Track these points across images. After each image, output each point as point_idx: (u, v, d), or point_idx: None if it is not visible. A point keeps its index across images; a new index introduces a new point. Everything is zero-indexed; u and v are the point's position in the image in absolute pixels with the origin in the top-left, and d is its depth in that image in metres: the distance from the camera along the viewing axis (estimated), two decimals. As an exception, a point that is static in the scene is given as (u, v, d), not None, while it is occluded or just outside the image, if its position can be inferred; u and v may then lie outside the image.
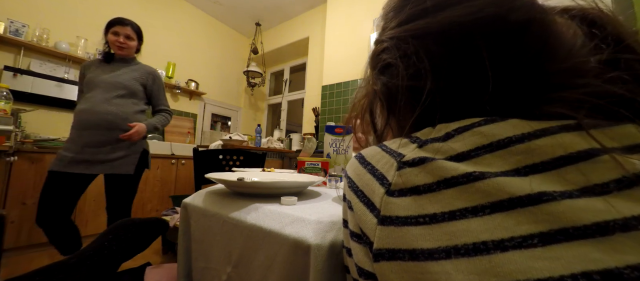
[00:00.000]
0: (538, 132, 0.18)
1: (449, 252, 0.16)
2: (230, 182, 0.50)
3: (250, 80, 3.70)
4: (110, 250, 0.56)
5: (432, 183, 0.19)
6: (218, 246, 0.46)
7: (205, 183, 1.34)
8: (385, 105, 0.28)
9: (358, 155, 0.26)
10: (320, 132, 2.78)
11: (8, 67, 1.97)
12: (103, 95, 1.21)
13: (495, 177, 0.17)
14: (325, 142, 0.79)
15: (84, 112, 1.19)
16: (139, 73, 1.33)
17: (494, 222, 0.16)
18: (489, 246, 0.15)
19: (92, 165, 1.18)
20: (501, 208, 0.16)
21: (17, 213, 1.58)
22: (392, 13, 0.29)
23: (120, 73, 1.28)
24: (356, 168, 0.25)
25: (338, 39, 2.82)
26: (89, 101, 1.20)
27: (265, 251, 0.38)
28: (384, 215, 0.19)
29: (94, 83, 1.23)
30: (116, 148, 1.22)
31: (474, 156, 0.19)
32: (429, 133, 0.22)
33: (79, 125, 1.19)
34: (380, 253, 0.19)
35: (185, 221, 0.55)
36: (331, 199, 0.53)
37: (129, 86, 1.27)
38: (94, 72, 1.26)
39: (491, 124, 0.20)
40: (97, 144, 1.19)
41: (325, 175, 0.74)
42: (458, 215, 0.17)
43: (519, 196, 0.16)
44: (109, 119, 1.20)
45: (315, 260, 0.32)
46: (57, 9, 2.22)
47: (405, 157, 0.21)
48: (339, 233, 0.35)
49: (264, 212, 0.42)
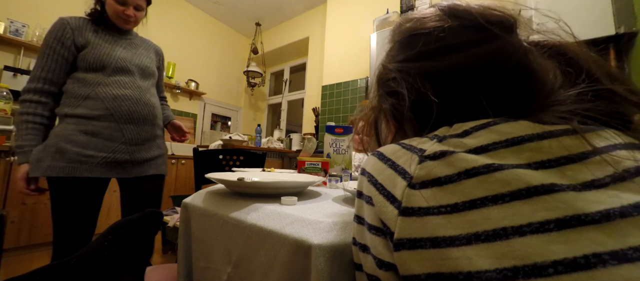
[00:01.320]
0: (545, 134, 0.21)
1: (469, 239, 0.18)
2: (230, 182, 0.50)
3: (250, 80, 3.70)
4: (110, 250, 0.56)
5: (453, 174, 0.20)
6: (218, 246, 0.46)
7: (205, 183, 1.34)
8: (392, 122, 0.33)
9: (377, 153, 0.27)
10: (320, 132, 2.78)
11: (8, 67, 1.97)
12: (143, 83, 0.98)
13: (513, 168, 0.19)
14: (325, 142, 0.79)
15: (129, 100, 0.91)
16: (153, 53, 1.09)
17: (512, 210, 0.18)
18: (508, 231, 0.17)
19: (133, 167, 0.95)
20: (519, 197, 0.18)
21: (17, 213, 1.58)
22: (398, 46, 0.33)
23: (138, 53, 1.01)
24: (375, 164, 0.26)
25: (338, 39, 2.82)
26: (128, 86, 0.92)
27: (266, 251, 0.38)
28: (405, 206, 0.21)
29: (119, 63, 0.92)
30: (154, 145, 1.02)
31: (491, 150, 0.21)
32: (446, 131, 0.24)
33: (120, 115, 0.89)
34: (401, 243, 0.20)
35: (185, 221, 0.55)
36: (331, 199, 0.53)
37: (154, 72, 1.06)
38: (101, 45, 0.92)
39: (505, 123, 0.22)
40: (142, 141, 0.96)
41: (325, 175, 0.74)
42: (478, 204, 0.19)
43: (535, 186, 0.18)
44: (153, 113, 1.00)
45: (316, 260, 0.32)
46: (57, 9, 2.22)
47: (427, 151, 0.22)
48: (339, 233, 0.35)
49: (264, 212, 0.42)
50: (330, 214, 0.40)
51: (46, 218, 1.66)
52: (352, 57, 2.66)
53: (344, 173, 0.76)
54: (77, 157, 0.83)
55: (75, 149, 0.83)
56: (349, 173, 0.77)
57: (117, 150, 0.89)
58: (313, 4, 3.32)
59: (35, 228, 1.64)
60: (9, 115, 1.72)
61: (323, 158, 0.75)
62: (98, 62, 0.90)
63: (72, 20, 0.94)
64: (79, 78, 0.89)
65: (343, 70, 2.71)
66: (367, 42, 2.21)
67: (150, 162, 1.00)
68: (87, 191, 0.86)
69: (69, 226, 0.84)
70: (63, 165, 0.82)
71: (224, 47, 3.76)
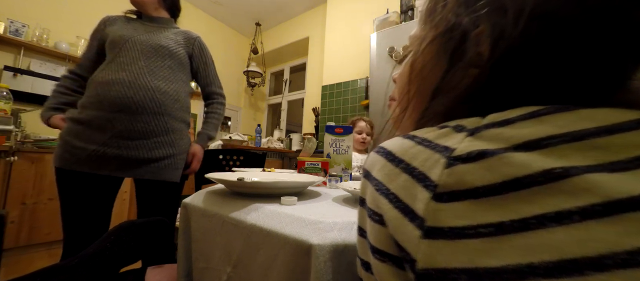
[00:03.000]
0: (615, 127, 0.15)
1: (522, 272, 0.12)
2: (230, 182, 0.50)
3: (250, 80, 3.71)
4: (112, 252, 0.56)
5: (495, 183, 0.15)
6: (218, 246, 0.46)
7: (205, 183, 1.33)
8: (443, 65, 0.23)
9: (382, 150, 0.21)
10: (320, 132, 2.78)
11: (8, 67, 1.97)
12: (146, 63, 0.85)
13: (584, 174, 0.13)
14: (325, 142, 0.79)
15: (119, 84, 0.80)
16: (182, 38, 0.97)
17: (587, 233, 0.12)
18: (580, 264, 0.12)
19: (126, 166, 0.82)
20: (595, 215, 0.12)
21: (17, 213, 1.58)
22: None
23: (161, 35, 0.91)
24: (384, 167, 0.20)
25: (338, 39, 2.82)
26: (124, 69, 0.82)
27: (266, 251, 0.38)
28: (430, 225, 0.15)
29: (128, 44, 0.85)
30: (161, 143, 0.86)
31: (546, 145, 0.15)
32: (477, 122, 0.18)
33: (109, 102, 0.79)
34: (427, 274, 0.15)
35: (185, 221, 0.55)
36: (331, 199, 0.53)
37: (177, 53, 0.92)
38: (124, 28, 0.89)
39: (563, 113, 0.16)
40: (138, 135, 0.82)
41: (325, 175, 0.74)
42: (534, 224, 0.13)
43: (619, 199, 0.12)
44: (158, 100, 0.84)
45: (316, 260, 0.32)
46: (57, 9, 2.22)
47: (457, 151, 0.16)
48: (339, 233, 0.35)
49: (264, 212, 0.42)
50: (330, 214, 0.40)
51: (46, 218, 1.66)
52: (352, 57, 2.66)
53: (344, 173, 0.76)
54: (67, 148, 0.78)
55: (67, 138, 0.79)
56: (349, 173, 0.77)
57: (109, 143, 0.78)
58: (313, 4, 3.32)
59: (35, 228, 1.64)
60: (9, 115, 1.72)
61: (323, 158, 0.75)
62: (111, 43, 0.87)
63: (110, 16, 0.97)
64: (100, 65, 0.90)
65: (343, 70, 2.71)
66: (367, 42, 2.21)
67: (158, 162, 0.85)
68: (86, 185, 0.80)
69: (72, 221, 0.81)
70: (58, 154, 0.80)
71: (224, 47, 3.76)
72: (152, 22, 0.95)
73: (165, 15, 0.99)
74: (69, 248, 0.81)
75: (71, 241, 0.81)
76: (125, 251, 0.59)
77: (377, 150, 0.22)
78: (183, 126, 0.96)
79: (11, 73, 1.96)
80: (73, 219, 0.81)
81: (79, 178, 0.80)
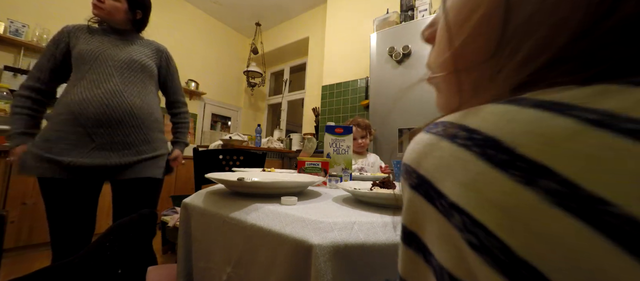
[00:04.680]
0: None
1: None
2: (230, 182, 0.50)
3: (250, 80, 3.71)
4: (112, 251, 0.56)
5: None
6: (218, 246, 0.46)
7: (205, 183, 1.34)
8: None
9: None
10: (320, 132, 2.78)
11: (8, 67, 1.97)
12: (120, 79, 0.88)
13: None
14: (325, 142, 0.79)
15: (96, 102, 0.84)
16: (150, 50, 1.01)
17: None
18: None
19: (109, 172, 0.89)
20: None
21: (17, 213, 1.58)
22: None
23: (131, 49, 0.94)
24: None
25: (338, 39, 2.82)
26: (99, 86, 0.85)
27: (266, 251, 0.38)
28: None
29: (99, 59, 0.87)
30: (143, 150, 0.93)
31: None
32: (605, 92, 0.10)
33: (86, 118, 0.83)
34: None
35: (185, 221, 0.55)
36: (331, 199, 0.53)
37: (148, 67, 0.96)
38: (91, 41, 0.89)
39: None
40: (119, 146, 0.88)
41: (325, 175, 0.74)
42: None
43: None
44: (136, 115, 0.90)
45: (316, 260, 0.32)
46: (57, 9, 2.22)
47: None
48: (339, 233, 0.35)
49: (264, 212, 0.42)
50: (330, 214, 0.40)
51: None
52: (352, 57, 2.66)
53: (344, 173, 0.76)
54: (43, 158, 0.82)
55: (38, 152, 0.82)
56: (349, 173, 0.77)
57: (91, 154, 0.84)
58: (313, 4, 3.32)
59: (35, 228, 1.64)
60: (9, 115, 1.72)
61: (323, 158, 0.75)
62: (78, 58, 0.88)
63: (72, 26, 0.94)
64: (69, 81, 0.90)
65: (343, 70, 2.71)
66: (367, 42, 2.21)
67: (134, 165, 0.91)
68: (68, 190, 0.84)
69: (60, 226, 0.85)
70: (31, 165, 0.82)
71: (224, 47, 3.76)
72: (119, 35, 0.96)
73: (131, 29, 1.00)
74: (58, 252, 0.85)
75: (59, 245, 0.85)
76: (124, 249, 0.59)
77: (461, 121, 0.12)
78: (160, 135, 1.03)
79: (11, 73, 1.96)
80: (58, 223, 0.85)
81: (60, 184, 0.84)
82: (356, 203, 0.49)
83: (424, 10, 1.90)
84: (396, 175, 0.93)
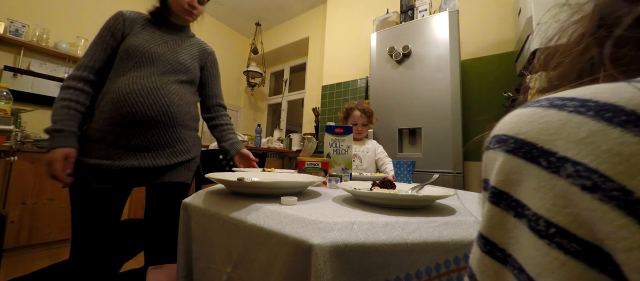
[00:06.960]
0: None
1: None
2: (230, 182, 0.50)
3: (250, 80, 3.71)
4: (112, 251, 0.56)
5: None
6: (218, 246, 0.46)
7: (205, 183, 1.34)
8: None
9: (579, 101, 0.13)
10: (320, 132, 2.78)
11: (8, 67, 1.97)
12: (160, 78, 0.85)
13: None
14: (325, 142, 0.79)
15: (133, 99, 0.80)
16: (198, 51, 0.99)
17: None
18: None
19: (143, 176, 0.84)
20: None
21: (17, 213, 1.58)
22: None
23: (179, 49, 0.92)
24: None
25: (338, 39, 2.82)
26: (136, 82, 0.81)
27: (266, 251, 0.38)
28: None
29: (144, 58, 0.84)
30: (176, 151, 0.89)
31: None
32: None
33: (122, 117, 0.79)
34: None
35: (185, 221, 0.55)
36: (331, 199, 0.53)
37: (191, 69, 0.94)
38: (140, 35, 0.87)
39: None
40: (154, 146, 0.84)
41: (325, 175, 0.74)
42: None
43: None
44: (171, 114, 0.86)
45: (316, 260, 0.32)
46: (57, 9, 2.22)
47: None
48: (339, 233, 0.35)
49: (264, 212, 0.42)
50: (330, 214, 0.40)
51: (46, 218, 1.66)
52: (352, 57, 2.66)
53: (344, 173, 0.76)
54: (80, 167, 0.77)
55: (79, 158, 0.78)
56: (349, 173, 0.77)
57: (125, 157, 0.80)
58: (313, 4, 3.32)
59: (35, 228, 1.64)
60: (9, 115, 1.72)
61: (323, 158, 0.75)
62: (125, 52, 0.83)
63: (128, 12, 0.89)
64: (111, 75, 0.85)
65: (343, 70, 2.71)
66: (367, 42, 2.21)
67: (168, 170, 0.88)
68: (99, 199, 0.80)
69: (84, 230, 0.79)
70: (77, 177, 0.77)
71: (224, 47, 3.76)
72: (173, 30, 0.94)
73: (189, 27, 1.00)
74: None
75: (80, 247, 0.80)
76: (125, 250, 0.59)
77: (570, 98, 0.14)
78: (194, 133, 0.99)
79: (11, 73, 1.96)
80: (84, 230, 0.80)
81: (92, 193, 0.79)
82: (356, 203, 0.49)
83: (424, 10, 1.90)
84: (396, 175, 0.94)
